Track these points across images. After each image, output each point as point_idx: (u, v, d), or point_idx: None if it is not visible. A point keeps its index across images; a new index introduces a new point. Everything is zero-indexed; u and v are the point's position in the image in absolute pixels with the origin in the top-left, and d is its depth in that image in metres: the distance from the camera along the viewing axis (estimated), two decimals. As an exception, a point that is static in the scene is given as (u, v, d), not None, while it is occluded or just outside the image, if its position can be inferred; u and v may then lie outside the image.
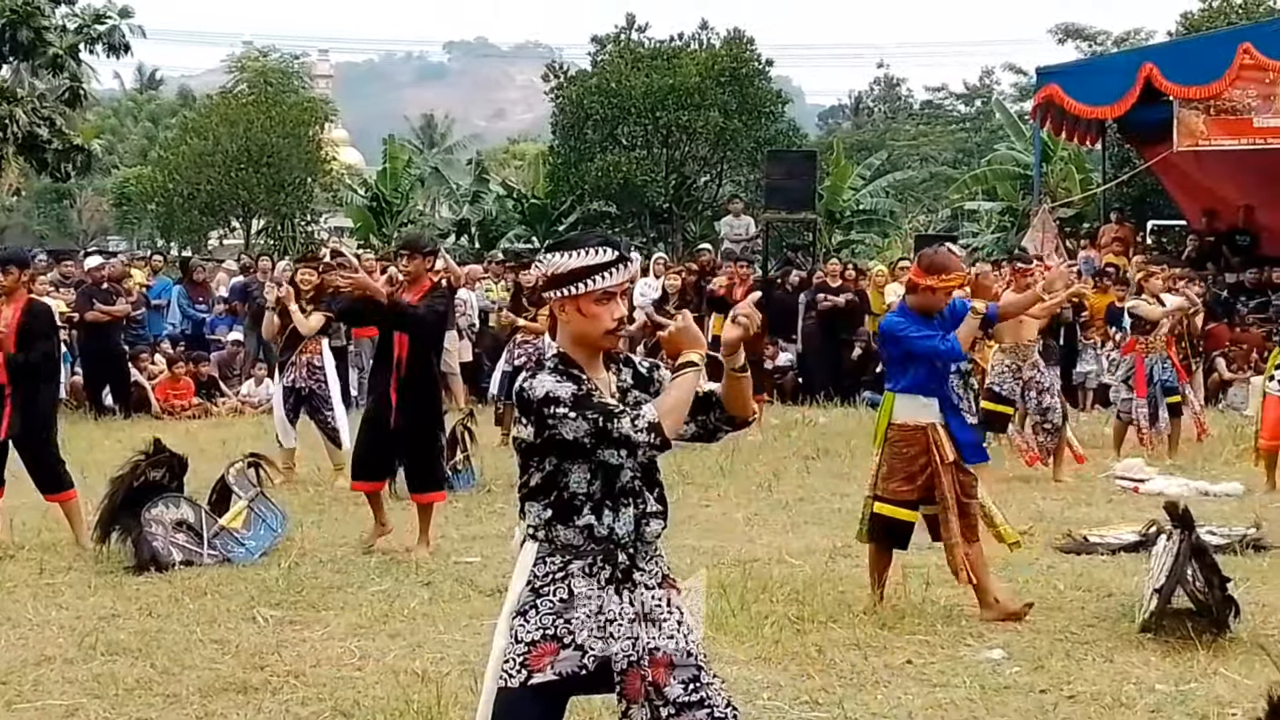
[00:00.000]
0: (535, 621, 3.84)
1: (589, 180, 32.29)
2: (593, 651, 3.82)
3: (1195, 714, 5.75)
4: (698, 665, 3.87)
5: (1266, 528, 9.50)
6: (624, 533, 3.87)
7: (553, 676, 3.81)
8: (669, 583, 3.97)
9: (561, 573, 3.87)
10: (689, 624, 3.93)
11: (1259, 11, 30.42)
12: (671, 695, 3.82)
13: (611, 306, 3.89)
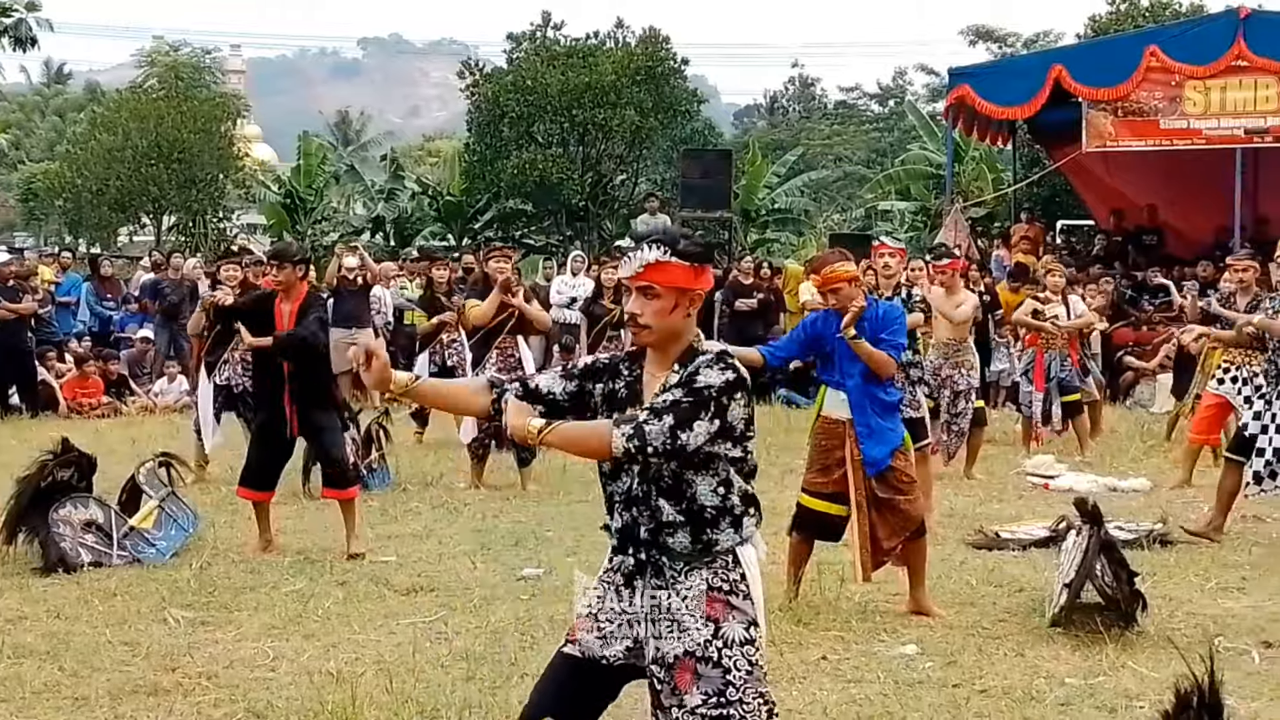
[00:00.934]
0: (589, 596, 3.98)
1: (505, 178, 32.18)
2: (615, 647, 3.88)
3: (1104, 707, 5.83)
4: (726, 680, 3.77)
5: (1173, 523, 9.67)
6: (642, 537, 3.86)
7: (575, 652, 3.92)
8: (716, 595, 3.83)
9: (610, 564, 3.98)
10: (733, 636, 3.81)
11: (1165, 15, 30.90)
12: (691, 703, 3.78)
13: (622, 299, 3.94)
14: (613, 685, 3.96)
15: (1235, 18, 20.94)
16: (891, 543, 7.34)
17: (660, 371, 3.90)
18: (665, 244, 3.87)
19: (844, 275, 7.36)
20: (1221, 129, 20.91)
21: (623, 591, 3.90)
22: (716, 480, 3.85)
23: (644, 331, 3.88)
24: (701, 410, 3.71)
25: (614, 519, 3.93)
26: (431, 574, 8.34)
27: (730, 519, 3.86)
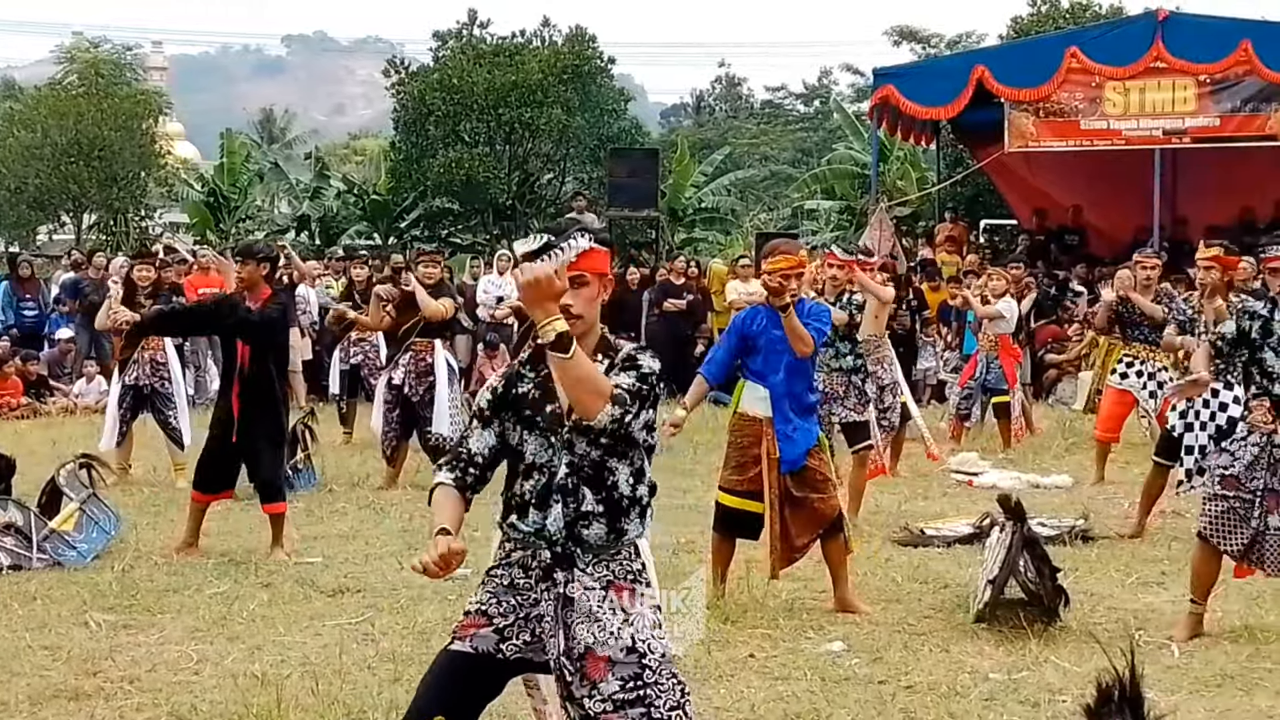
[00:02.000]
0: (479, 595, 3.99)
1: (431, 176, 32.01)
2: (513, 641, 3.91)
3: (1027, 701, 5.89)
4: (642, 664, 3.84)
5: (1094, 519, 9.80)
6: (554, 530, 3.88)
7: (467, 649, 3.91)
8: (621, 584, 3.90)
9: (507, 561, 3.98)
10: (643, 623, 3.88)
11: (1085, 16, 31.27)
12: (607, 691, 3.82)
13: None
14: (500, 681, 3.98)
15: (1154, 20, 21.25)
16: (803, 540, 7.39)
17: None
18: (588, 232, 3.97)
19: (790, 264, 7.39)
20: (1140, 130, 21.22)
21: (522, 586, 3.92)
22: (631, 469, 3.93)
23: (577, 322, 3.90)
24: (651, 396, 3.87)
25: (526, 516, 3.92)
26: (358, 575, 8.29)
27: (638, 509, 3.96)
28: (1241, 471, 6.79)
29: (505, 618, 3.92)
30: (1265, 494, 6.75)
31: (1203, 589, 7.02)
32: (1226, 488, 6.82)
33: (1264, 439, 6.77)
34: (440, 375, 11.50)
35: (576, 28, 35.21)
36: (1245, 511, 6.77)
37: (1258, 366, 6.86)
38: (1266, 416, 6.77)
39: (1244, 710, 5.80)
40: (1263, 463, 6.77)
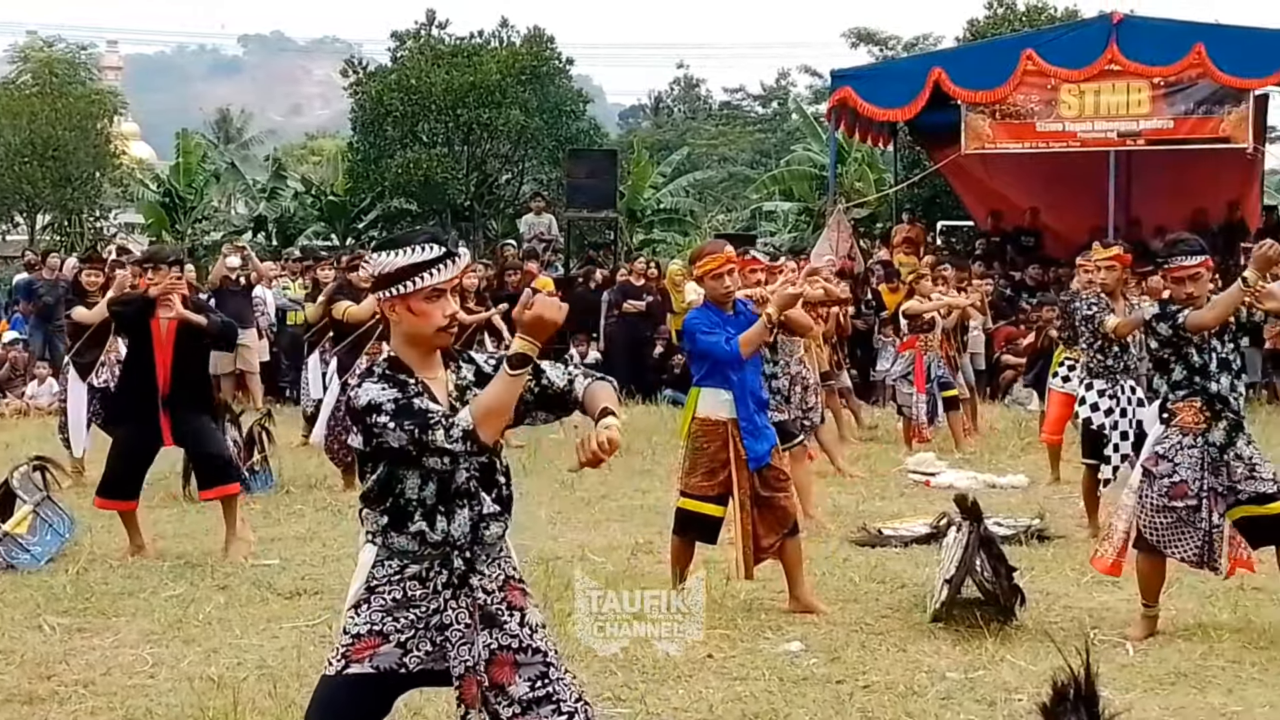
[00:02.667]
0: (364, 617, 3.89)
1: (389, 177, 31.91)
2: (415, 653, 3.87)
3: (984, 700, 5.93)
4: (546, 662, 3.87)
5: (1049, 518, 9.87)
6: (459, 535, 3.87)
7: (369, 669, 3.85)
8: (513, 584, 3.94)
9: (398, 576, 3.90)
10: (535, 620, 3.92)
11: (1041, 19, 31.44)
12: (516, 694, 3.83)
13: (442, 303, 3.87)
14: (398, 694, 3.98)
15: (1108, 23, 21.39)
16: (769, 540, 7.41)
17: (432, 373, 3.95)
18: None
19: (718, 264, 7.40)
20: (1096, 132, 21.36)
21: (418, 599, 3.88)
22: (505, 465, 3.99)
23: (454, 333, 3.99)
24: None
25: (433, 525, 3.87)
26: (315, 576, 8.26)
27: (509, 507, 4.00)
28: (1187, 477, 6.85)
29: (404, 632, 3.87)
30: (1208, 494, 6.83)
31: (1152, 593, 7.10)
32: (1174, 497, 6.87)
33: (1198, 440, 6.85)
34: None
35: (535, 28, 35.18)
36: (1192, 516, 6.84)
37: (1183, 363, 6.93)
38: (1196, 417, 6.85)
39: (1197, 707, 5.85)
40: (1205, 465, 6.84)
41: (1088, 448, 9.80)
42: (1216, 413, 6.86)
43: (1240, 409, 6.95)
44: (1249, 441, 6.95)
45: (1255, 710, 5.80)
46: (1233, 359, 6.94)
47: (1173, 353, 6.94)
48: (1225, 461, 6.84)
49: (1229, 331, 6.93)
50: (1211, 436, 6.85)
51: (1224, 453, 6.85)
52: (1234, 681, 6.23)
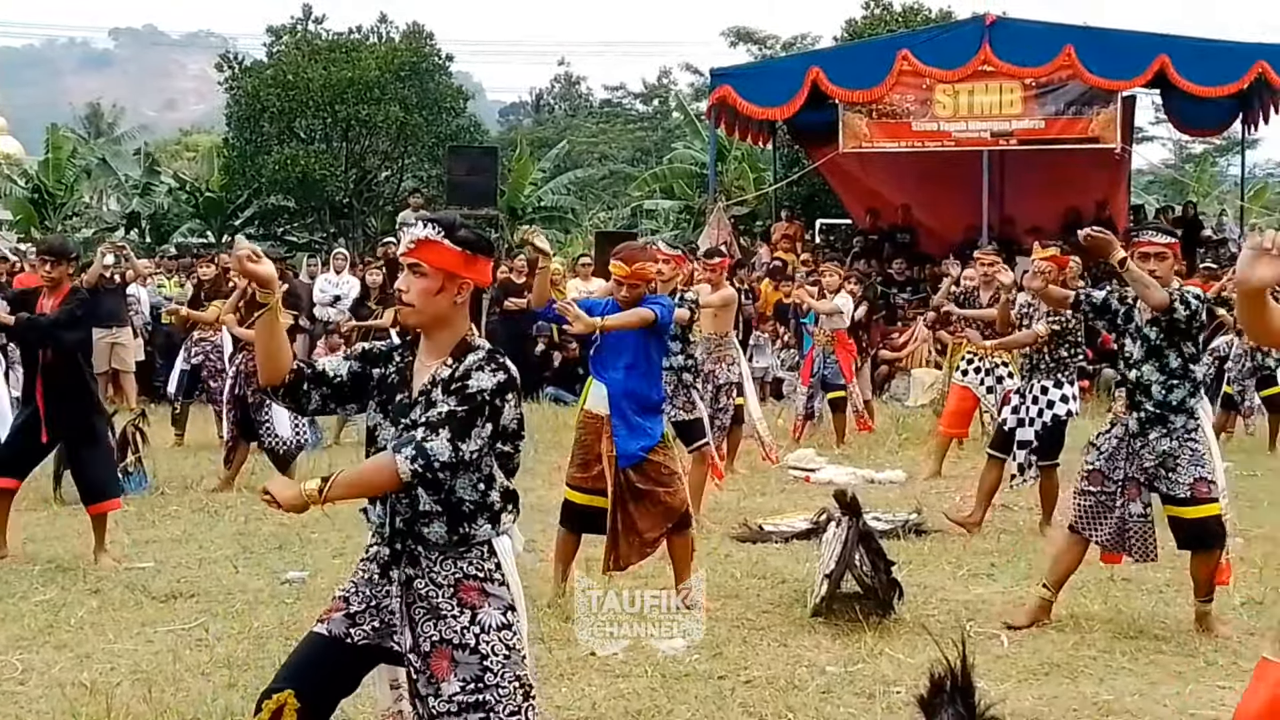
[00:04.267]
0: (346, 582, 4.02)
1: (266, 174, 31.48)
2: (361, 627, 3.91)
3: (863, 693, 6.00)
4: (484, 666, 3.80)
5: (927, 513, 10.01)
6: (397, 525, 3.86)
7: (323, 631, 3.92)
8: (471, 583, 3.86)
9: (367, 553, 4.01)
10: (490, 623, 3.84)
11: (917, 20, 31.89)
12: (449, 691, 3.79)
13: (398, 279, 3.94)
14: (354, 671, 3.97)
15: (981, 24, 21.77)
16: (654, 534, 7.42)
17: (431, 360, 3.92)
18: (441, 225, 3.91)
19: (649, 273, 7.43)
20: (970, 131, 21.73)
21: (377, 580, 3.93)
22: (479, 476, 3.88)
23: (408, 310, 3.91)
24: (477, 417, 3.76)
25: (373, 506, 3.94)
26: (192, 579, 8.13)
27: (489, 515, 3.91)
28: (1104, 464, 7.02)
29: (360, 604, 3.93)
30: (1126, 483, 6.98)
31: (1058, 578, 7.22)
32: (1092, 482, 7.05)
33: (1124, 430, 7.00)
34: None
35: (414, 24, 34.94)
36: (1110, 502, 7.01)
37: (1120, 351, 7.13)
38: (1124, 407, 7.02)
39: (1069, 697, 5.97)
40: (1123, 453, 6.99)
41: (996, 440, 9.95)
42: (1135, 402, 6.97)
43: (1169, 400, 6.89)
44: (1175, 436, 6.89)
45: (1125, 699, 5.94)
46: (1165, 349, 6.92)
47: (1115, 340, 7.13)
48: (1136, 452, 6.94)
49: (1167, 319, 6.91)
50: (1129, 425, 6.98)
51: (1134, 440, 6.95)
52: (1105, 671, 6.37)
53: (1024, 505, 10.28)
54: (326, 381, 3.97)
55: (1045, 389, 9.59)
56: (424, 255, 3.87)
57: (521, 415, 3.94)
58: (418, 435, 3.69)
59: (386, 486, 3.74)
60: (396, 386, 3.94)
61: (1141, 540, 7.01)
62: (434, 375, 3.86)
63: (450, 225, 3.91)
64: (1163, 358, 6.92)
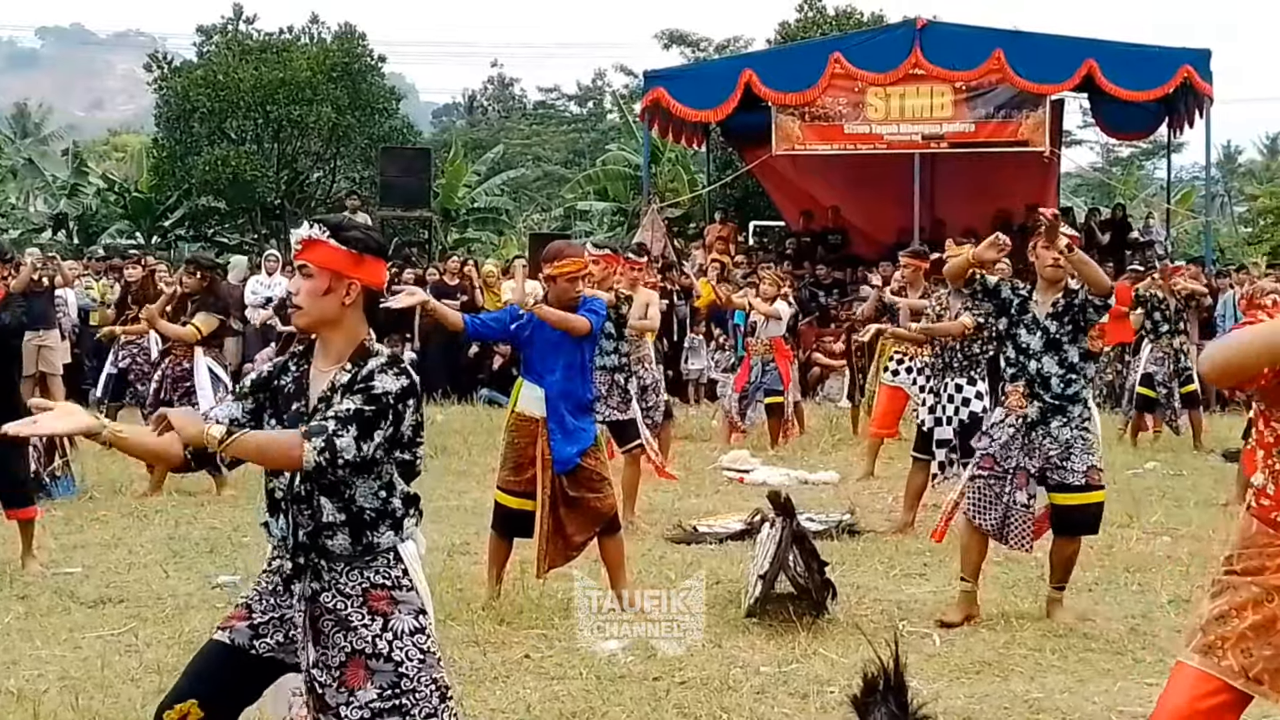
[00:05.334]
0: (248, 589, 3.98)
1: (196, 175, 31.23)
2: (266, 639, 3.86)
3: (797, 693, 6.02)
4: (399, 672, 3.76)
5: (860, 513, 10.07)
6: (300, 538, 3.81)
7: (225, 640, 3.87)
8: (380, 591, 3.81)
9: (269, 565, 3.95)
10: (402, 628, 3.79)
11: (849, 24, 32.09)
12: (364, 699, 3.75)
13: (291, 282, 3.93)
14: (257, 681, 3.92)
15: (913, 28, 21.94)
16: (580, 538, 7.43)
17: (328, 366, 3.86)
18: (327, 225, 3.87)
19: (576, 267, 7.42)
20: (901, 134, 21.91)
21: (280, 590, 3.89)
22: (379, 484, 3.83)
23: (297, 312, 3.87)
24: (381, 419, 3.71)
25: (275, 519, 3.88)
26: (121, 584, 8.04)
27: (391, 521, 3.85)
28: (998, 451, 7.12)
29: (264, 615, 3.88)
30: (1016, 471, 7.09)
31: (972, 567, 7.29)
32: (983, 467, 7.16)
33: (1019, 420, 7.09)
34: (200, 380, 11.24)
35: (346, 25, 34.78)
36: (998, 488, 7.11)
37: (1013, 343, 7.18)
38: (1020, 401, 7.10)
39: (1000, 695, 6.03)
40: (1018, 443, 7.09)
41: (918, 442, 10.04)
42: (1034, 394, 7.08)
43: (1068, 392, 7.07)
44: (1072, 425, 7.07)
45: (1055, 696, 6.00)
46: (1065, 342, 7.09)
47: (1006, 322, 7.22)
48: (1039, 443, 7.06)
49: (1069, 314, 7.08)
50: (1029, 416, 7.08)
51: (1033, 430, 7.07)
52: (1035, 669, 6.43)
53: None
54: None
55: (960, 386, 9.72)
56: (310, 256, 3.82)
57: (421, 422, 3.87)
58: (329, 427, 3.62)
59: (285, 465, 3.67)
60: (293, 396, 3.88)
61: (1020, 530, 7.14)
62: (333, 381, 3.80)
63: (337, 225, 3.87)
64: (1062, 351, 7.10)
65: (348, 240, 3.84)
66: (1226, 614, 3.76)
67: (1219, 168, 44.19)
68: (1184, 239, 33.24)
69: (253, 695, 3.94)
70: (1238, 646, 3.70)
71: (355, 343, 3.86)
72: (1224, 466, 12.38)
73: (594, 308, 7.47)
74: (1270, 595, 3.71)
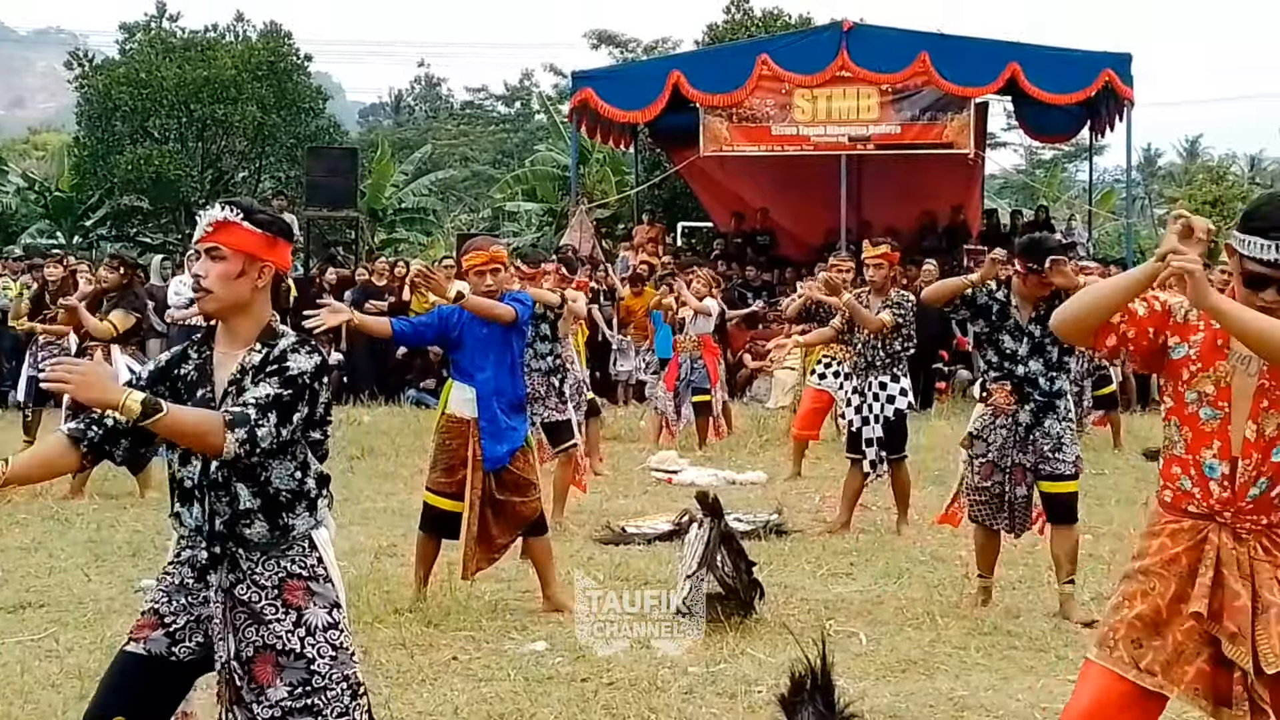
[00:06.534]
0: (153, 594, 3.85)
1: (119, 174, 30.84)
2: (185, 643, 3.79)
3: (725, 693, 6.04)
4: (310, 669, 3.73)
5: (787, 513, 10.12)
6: (217, 527, 3.75)
7: (140, 650, 3.78)
8: (295, 582, 3.77)
9: (179, 559, 3.85)
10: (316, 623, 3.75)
11: (776, 25, 32.22)
12: (275, 697, 3.71)
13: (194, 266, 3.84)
14: (181, 682, 3.86)
15: (839, 30, 22.07)
16: (503, 540, 7.44)
17: (234, 350, 3.82)
18: (239, 207, 3.84)
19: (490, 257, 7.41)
20: (828, 136, 22.02)
21: (193, 586, 3.80)
22: (295, 464, 3.80)
23: (207, 297, 3.80)
24: (299, 401, 3.69)
25: (187, 508, 3.81)
26: (41, 589, 7.93)
27: (306, 502, 3.82)
28: (996, 456, 7.36)
29: (177, 618, 3.79)
30: (1013, 469, 7.36)
31: (987, 564, 7.60)
32: (984, 476, 7.40)
33: (1009, 420, 7.34)
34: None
35: (271, 23, 34.53)
36: (1001, 491, 7.38)
37: (994, 348, 7.43)
38: (1008, 399, 7.35)
39: (926, 693, 6.07)
40: (1012, 442, 7.35)
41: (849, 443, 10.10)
42: (1025, 395, 7.34)
43: (1054, 389, 7.37)
44: (1060, 419, 7.39)
45: (980, 694, 6.06)
46: (1049, 344, 7.35)
47: (988, 329, 7.46)
48: (1032, 440, 7.34)
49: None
50: (1020, 417, 7.34)
51: (1030, 431, 7.34)
52: (960, 667, 6.49)
53: (881, 505, 10.43)
54: (122, 432, 3.80)
55: (884, 384, 9.80)
56: (222, 238, 3.78)
57: (331, 401, 3.87)
58: (251, 416, 3.58)
59: (204, 448, 3.61)
60: (196, 383, 3.82)
61: (1024, 519, 7.45)
62: (243, 364, 3.76)
63: (249, 208, 3.85)
64: (1045, 352, 7.38)
65: (260, 223, 3.82)
66: (1119, 604, 3.83)
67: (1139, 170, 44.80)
68: (1105, 240, 33.65)
69: (179, 698, 3.88)
70: (1128, 638, 3.75)
71: (262, 324, 3.83)
72: (1145, 465, 12.55)
73: (519, 298, 7.49)
74: (1153, 583, 3.77)
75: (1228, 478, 3.70)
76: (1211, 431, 3.72)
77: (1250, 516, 3.70)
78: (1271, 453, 3.69)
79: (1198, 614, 3.65)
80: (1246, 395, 3.69)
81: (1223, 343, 3.72)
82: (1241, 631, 3.63)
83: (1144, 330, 3.76)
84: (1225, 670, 3.68)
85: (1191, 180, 44.67)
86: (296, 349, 3.75)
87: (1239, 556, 3.69)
